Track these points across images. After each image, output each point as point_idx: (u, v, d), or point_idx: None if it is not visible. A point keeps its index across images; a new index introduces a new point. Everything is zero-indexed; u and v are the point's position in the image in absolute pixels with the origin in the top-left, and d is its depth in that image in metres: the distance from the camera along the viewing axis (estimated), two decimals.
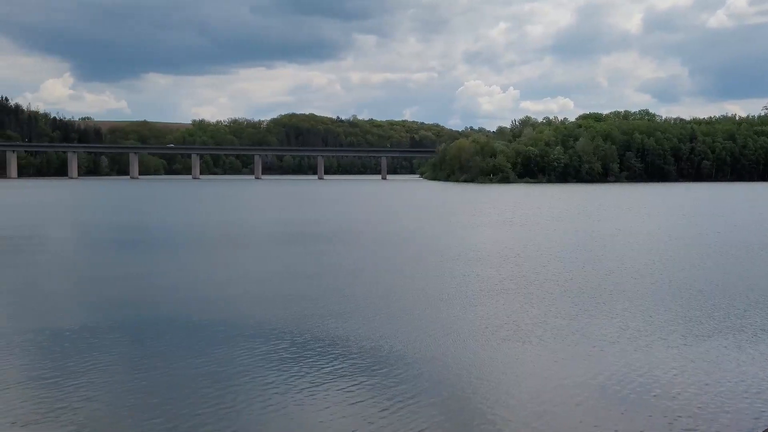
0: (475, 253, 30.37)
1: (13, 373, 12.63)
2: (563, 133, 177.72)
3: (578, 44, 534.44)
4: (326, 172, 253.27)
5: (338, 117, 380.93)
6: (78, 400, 11.06)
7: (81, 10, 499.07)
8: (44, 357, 13.60)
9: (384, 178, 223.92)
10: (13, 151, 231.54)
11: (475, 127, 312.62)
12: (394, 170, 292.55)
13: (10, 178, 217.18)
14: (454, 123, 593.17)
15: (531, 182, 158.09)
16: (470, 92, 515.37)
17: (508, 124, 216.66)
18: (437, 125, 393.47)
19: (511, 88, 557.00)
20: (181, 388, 11.71)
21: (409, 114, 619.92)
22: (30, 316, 17.59)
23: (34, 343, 14.68)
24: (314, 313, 17.60)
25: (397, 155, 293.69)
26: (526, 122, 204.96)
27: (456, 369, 12.99)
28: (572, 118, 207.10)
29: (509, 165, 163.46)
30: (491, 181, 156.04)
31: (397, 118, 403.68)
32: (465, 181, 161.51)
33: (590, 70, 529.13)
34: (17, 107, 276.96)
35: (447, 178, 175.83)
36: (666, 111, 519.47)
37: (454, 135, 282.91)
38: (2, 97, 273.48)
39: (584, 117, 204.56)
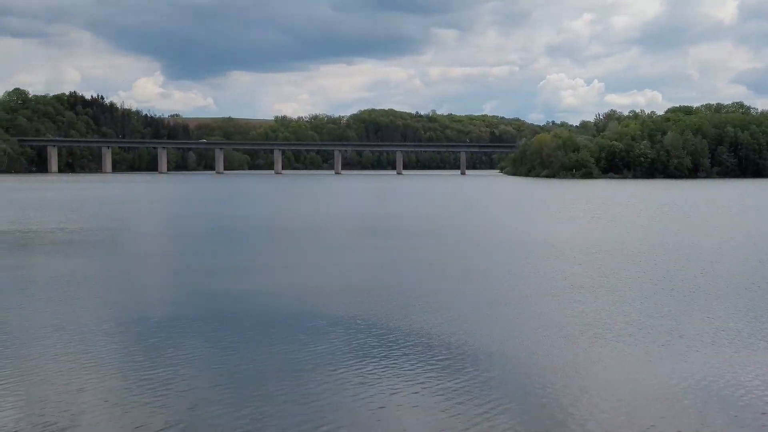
0: (562, 249, 29.63)
1: (103, 360, 13.11)
2: (650, 127, 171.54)
3: (667, 35, 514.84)
4: (405, 168, 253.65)
5: (417, 112, 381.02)
6: (164, 390, 11.33)
7: (171, 11, 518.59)
8: (133, 346, 14.05)
9: (463, 173, 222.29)
10: (108, 147, 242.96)
11: (557, 122, 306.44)
12: (473, 165, 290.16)
13: (105, 172, 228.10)
14: (536, 117, 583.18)
15: (615, 178, 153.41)
16: (552, 86, 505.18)
17: (591, 119, 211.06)
18: (518, 120, 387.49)
19: (596, 81, 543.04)
20: (265, 379, 11.84)
21: (488, 108, 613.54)
22: (121, 305, 18.30)
23: (124, 332, 15.22)
24: (397, 308, 17.56)
25: (477, 150, 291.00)
26: (611, 116, 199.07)
27: (542, 367, 12.65)
28: (660, 112, 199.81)
29: (592, 160, 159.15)
30: (573, 177, 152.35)
31: (477, 113, 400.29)
32: (546, 176, 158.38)
33: (680, 61, 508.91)
34: (112, 105, 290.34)
35: (527, 174, 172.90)
36: (762, 103, 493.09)
37: (535, 130, 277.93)
38: (98, 96, 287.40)
39: (673, 110, 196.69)
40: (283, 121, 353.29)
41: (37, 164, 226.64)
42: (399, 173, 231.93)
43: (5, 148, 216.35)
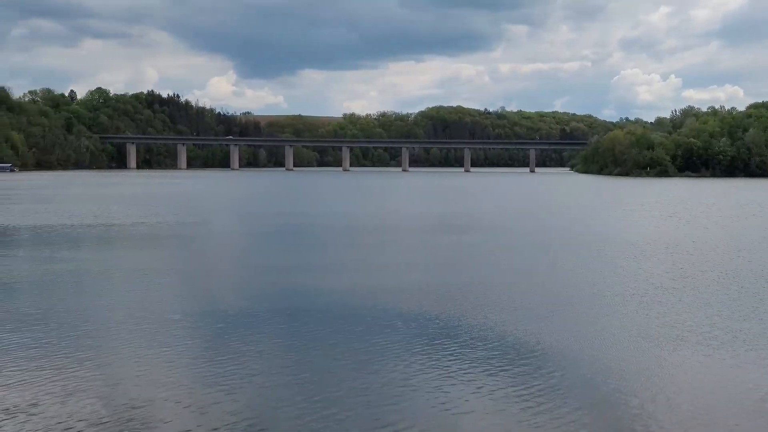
0: (642, 248, 28.72)
1: (177, 350, 13.47)
2: (730, 123, 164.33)
3: (750, 28, 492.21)
4: (473, 165, 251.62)
5: (486, 109, 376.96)
6: (234, 381, 11.52)
7: (244, 12, 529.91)
8: (206, 337, 14.39)
9: (532, 171, 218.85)
10: (183, 144, 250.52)
11: (631, 118, 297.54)
12: (542, 163, 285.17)
13: (180, 168, 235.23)
14: (608, 114, 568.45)
15: (692, 176, 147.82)
16: (627, 81, 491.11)
17: (667, 115, 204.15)
18: (590, 116, 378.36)
19: (673, 76, 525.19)
20: (336, 376, 11.87)
21: (559, 105, 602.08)
22: (196, 298, 18.80)
23: (198, 324, 15.61)
24: (471, 307, 17.38)
25: (546, 147, 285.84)
26: (688, 112, 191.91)
27: (622, 371, 12.25)
28: (741, 108, 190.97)
29: (668, 158, 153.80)
30: (648, 175, 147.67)
31: (547, 110, 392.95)
32: (619, 174, 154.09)
33: (762, 55, 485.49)
34: (187, 103, 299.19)
35: (599, 172, 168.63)
36: None
37: (608, 126, 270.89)
38: (175, 95, 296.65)
39: (755, 106, 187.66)
40: (351, 119, 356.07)
41: (117, 160, 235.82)
42: (467, 170, 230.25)
43: (88, 145, 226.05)
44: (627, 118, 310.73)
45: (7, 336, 13.98)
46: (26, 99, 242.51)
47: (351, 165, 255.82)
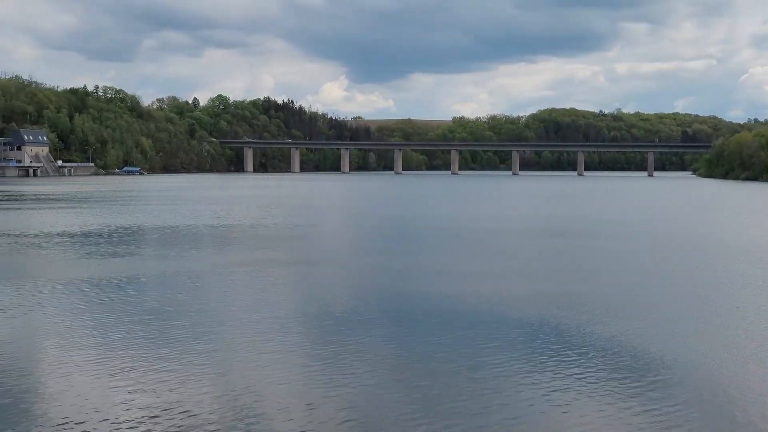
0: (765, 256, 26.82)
1: (288, 348, 13.77)
2: None
3: None
4: (586, 168, 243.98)
5: (601, 111, 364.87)
6: (343, 381, 11.65)
7: (357, 17, 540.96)
8: (316, 337, 14.63)
9: (650, 175, 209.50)
10: (297, 148, 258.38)
11: (761, 119, 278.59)
12: (662, 166, 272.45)
13: (293, 172, 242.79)
14: (735, 115, 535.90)
15: None
16: (756, 80, 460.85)
17: None
18: (714, 117, 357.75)
19: None
20: (443, 379, 11.78)
21: (681, 106, 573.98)
22: (308, 298, 19.25)
23: (308, 324, 15.92)
24: (584, 314, 16.81)
25: (666, 150, 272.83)
26: None
27: (742, 391, 11.44)
28: None
29: None
30: None
31: (667, 111, 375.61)
32: (746, 179, 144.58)
33: None
34: (301, 109, 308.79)
35: (725, 176, 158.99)
36: None
37: (735, 128, 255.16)
38: (289, 100, 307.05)
39: None
40: (460, 122, 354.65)
41: (235, 164, 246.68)
42: (580, 174, 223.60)
43: (209, 150, 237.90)
44: (756, 119, 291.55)
45: (135, 327, 14.90)
46: (154, 106, 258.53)
47: (460, 168, 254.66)
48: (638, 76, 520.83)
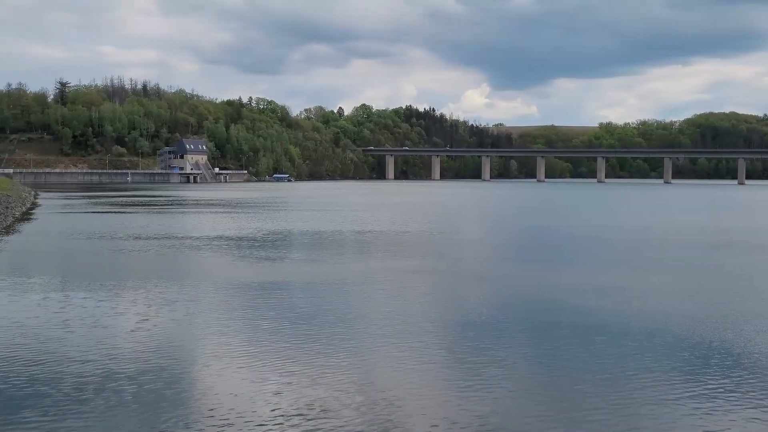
0: None
1: (425, 355, 13.67)
2: None
3: None
4: (748, 177, 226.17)
5: (765, 114, 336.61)
6: (483, 389, 11.45)
7: (498, 23, 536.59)
8: (452, 344, 14.45)
9: None
10: (437, 155, 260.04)
11: None
12: None
13: (433, 179, 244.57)
14: None
15: None
16: None
17: None
18: None
19: None
20: (582, 390, 11.36)
21: None
22: (449, 306, 19.14)
23: (445, 331, 15.74)
24: (740, 334, 15.45)
25: None
26: None
27: None
28: None
29: None
30: None
31: None
32: None
33: None
34: (441, 117, 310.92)
35: None
36: None
37: None
38: (430, 108, 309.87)
39: None
40: (607, 128, 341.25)
41: (377, 171, 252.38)
42: (741, 183, 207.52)
43: (352, 158, 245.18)
44: None
45: (283, 328, 15.47)
46: (302, 116, 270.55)
47: (606, 176, 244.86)
48: None
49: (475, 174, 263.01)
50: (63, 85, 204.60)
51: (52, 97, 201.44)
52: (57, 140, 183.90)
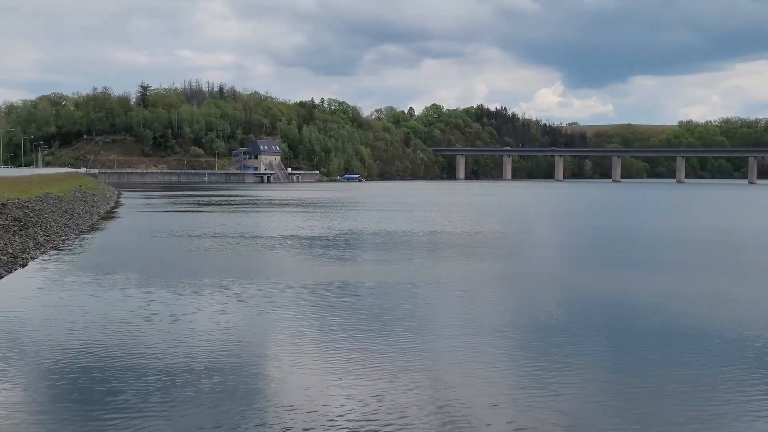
0: None
1: (497, 359, 13.55)
2: None
3: None
4: None
5: None
6: (556, 393, 11.26)
7: (572, 20, 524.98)
8: (526, 348, 14.24)
9: None
10: (509, 155, 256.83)
11: None
12: None
13: (504, 179, 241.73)
14: None
15: None
16: None
17: None
18: None
19: None
20: (660, 397, 11.04)
21: None
22: (520, 309, 18.85)
23: (519, 335, 15.51)
24: None
25: None
26: None
27: None
28: None
29: None
30: None
31: None
32: None
33: None
34: (513, 116, 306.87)
35: None
36: None
37: None
38: (502, 108, 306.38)
39: None
40: (687, 126, 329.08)
41: (447, 171, 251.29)
42: None
43: (423, 158, 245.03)
44: None
45: (352, 327, 15.62)
46: (373, 117, 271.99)
47: (686, 176, 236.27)
48: None
49: (547, 174, 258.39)
50: (144, 88, 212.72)
51: (134, 100, 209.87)
52: (139, 141, 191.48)
